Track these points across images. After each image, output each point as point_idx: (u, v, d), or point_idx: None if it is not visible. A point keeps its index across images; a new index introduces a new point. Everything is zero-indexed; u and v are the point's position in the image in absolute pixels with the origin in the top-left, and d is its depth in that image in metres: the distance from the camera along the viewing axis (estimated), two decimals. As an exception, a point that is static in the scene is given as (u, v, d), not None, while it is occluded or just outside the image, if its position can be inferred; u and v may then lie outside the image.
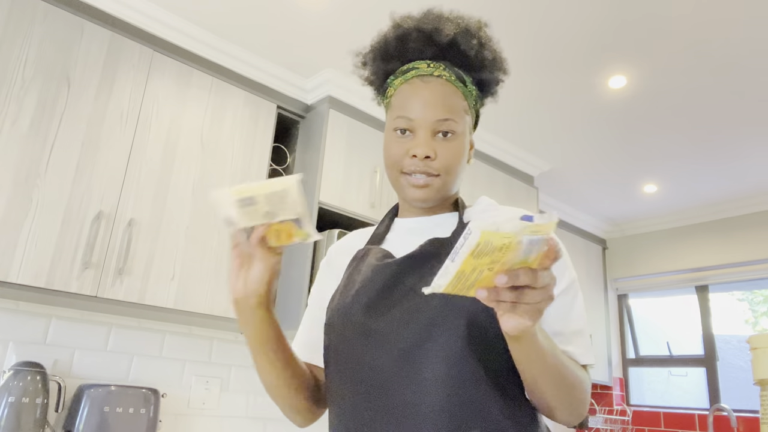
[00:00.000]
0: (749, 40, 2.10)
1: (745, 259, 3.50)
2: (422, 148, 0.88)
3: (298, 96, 2.53)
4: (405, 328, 0.81)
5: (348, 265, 0.97)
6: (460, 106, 0.92)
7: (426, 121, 0.89)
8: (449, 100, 0.91)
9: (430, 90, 0.91)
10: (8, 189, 1.72)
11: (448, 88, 0.92)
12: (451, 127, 0.90)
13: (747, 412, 3.31)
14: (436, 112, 0.89)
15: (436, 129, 0.89)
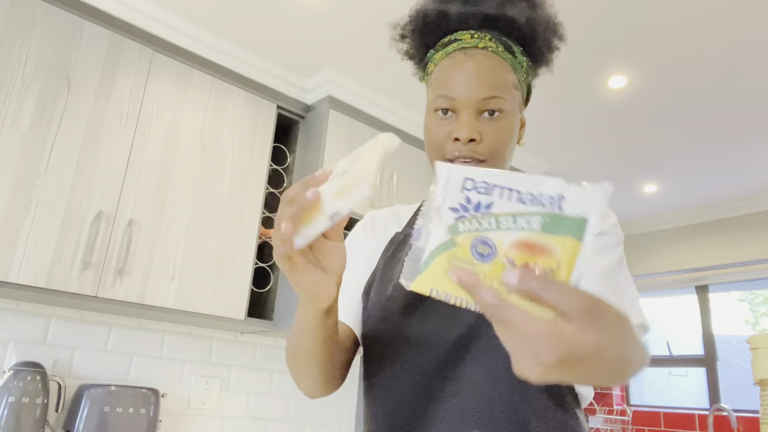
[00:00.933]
0: (749, 40, 2.10)
1: (745, 259, 3.50)
2: (466, 130, 0.78)
3: (298, 96, 2.53)
4: (446, 333, 0.75)
5: (384, 250, 0.89)
6: (508, 81, 0.82)
7: (470, 99, 0.79)
8: (496, 75, 0.81)
9: (474, 64, 0.81)
10: (8, 189, 1.72)
11: (495, 61, 0.82)
12: (499, 105, 0.80)
13: (747, 412, 3.31)
14: (481, 90, 0.80)
15: (482, 108, 0.80)
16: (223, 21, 2.18)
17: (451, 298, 0.46)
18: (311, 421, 2.59)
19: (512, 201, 0.45)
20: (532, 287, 0.41)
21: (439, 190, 0.47)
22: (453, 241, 0.46)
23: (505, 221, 0.45)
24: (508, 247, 0.44)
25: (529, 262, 0.43)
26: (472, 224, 0.46)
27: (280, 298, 2.30)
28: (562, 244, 0.43)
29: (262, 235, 2.37)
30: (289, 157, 2.55)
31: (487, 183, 0.46)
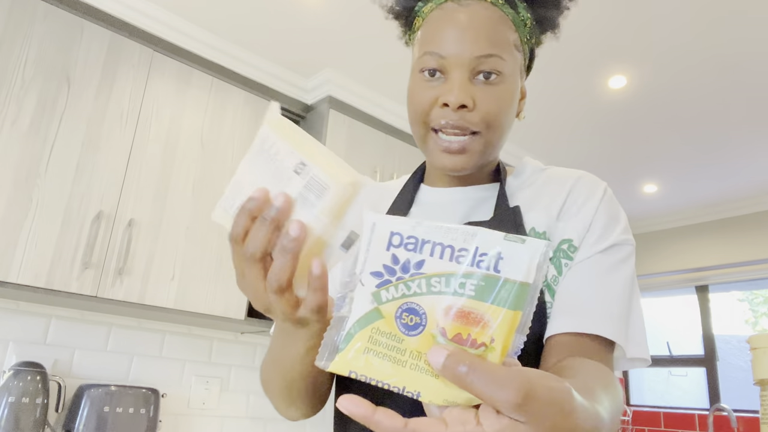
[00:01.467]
0: (749, 40, 2.10)
1: (745, 259, 3.50)
2: (456, 94, 0.65)
3: (298, 96, 2.53)
4: None
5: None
6: (509, 39, 0.69)
7: (462, 57, 0.66)
8: (494, 30, 0.68)
9: (468, 16, 0.67)
10: (8, 189, 1.72)
11: (493, 13, 0.68)
12: (497, 65, 0.67)
13: (747, 412, 3.31)
14: (475, 46, 0.66)
15: (477, 68, 0.67)
16: (223, 21, 2.18)
17: (373, 381, 0.40)
18: (311, 421, 2.59)
19: (445, 259, 0.40)
20: (460, 372, 0.35)
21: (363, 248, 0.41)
22: (378, 311, 0.40)
23: (437, 283, 0.40)
24: (439, 314, 0.39)
25: (463, 333, 0.38)
26: (398, 290, 0.40)
27: (280, 298, 2.30)
28: (498, 314, 0.38)
29: (262, 235, 2.37)
30: (289, 157, 2.55)
31: (416, 238, 0.41)
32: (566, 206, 0.70)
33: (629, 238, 0.70)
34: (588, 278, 0.65)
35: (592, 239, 0.68)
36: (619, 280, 0.66)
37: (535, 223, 0.69)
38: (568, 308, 0.64)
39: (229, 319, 2.10)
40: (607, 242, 0.67)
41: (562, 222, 0.69)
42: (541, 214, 0.70)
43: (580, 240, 0.68)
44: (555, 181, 0.74)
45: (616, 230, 0.69)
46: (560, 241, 0.68)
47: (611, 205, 0.72)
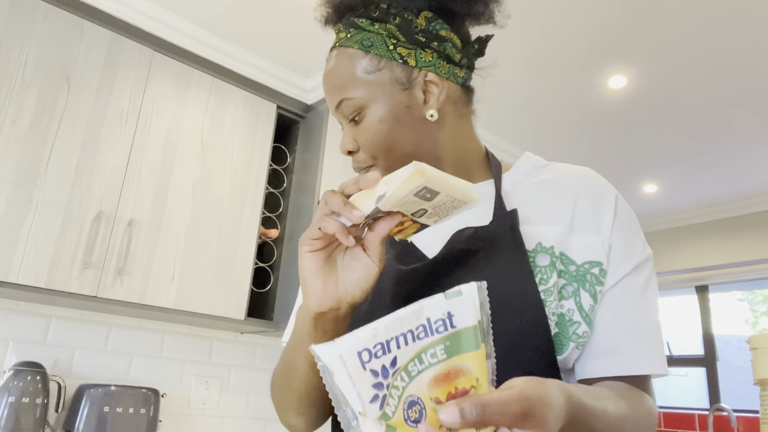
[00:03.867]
0: (749, 40, 2.10)
1: (745, 259, 3.50)
2: (341, 145, 0.72)
3: (298, 96, 2.53)
4: None
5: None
6: (354, 72, 0.69)
7: (333, 108, 0.72)
8: (339, 75, 0.70)
9: (324, 75, 0.73)
10: (8, 189, 1.72)
11: (341, 57, 0.71)
12: (350, 107, 0.69)
13: (747, 412, 3.31)
14: (331, 100, 0.72)
15: (343, 116, 0.72)
16: (223, 21, 2.18)
17: None
18: (311, 421, 2.59)
19: (410, 344, 0.44)
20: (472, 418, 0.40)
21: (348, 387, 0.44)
22: (392, 428, 0.43)
23: (413, 367, 0.43)
24: (427, 389, 0.43)
25: (451, 390, 0.42)
26: (393, 397, 0.43)
27: (280, 298, 2.30)
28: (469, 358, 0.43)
29: (262, 235, 2.37)
30: (289, 157, 2.55)
31: (380, 344, 0.44)
32: (577, 216, 0.69)
33: (649, 251, 0.70)
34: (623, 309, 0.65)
35: (618, 259, 0.67)
36: (651, 304, 0.67)
37: (542, 238, 0.67)
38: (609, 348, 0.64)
39: (229, 319, 2.10)
40: (633, 262, 0.67)
41: (578, 236, 0.67)
42: (549, 227, 0.67)
43: (607, 261, 0.66)
44: (558, 183, 0.72)
45: (638, 246, 0.69)
46: (587, 263, 0.65)
47: (628, 215, 0.71)
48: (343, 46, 0.71)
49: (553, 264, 0.64)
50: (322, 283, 0.57)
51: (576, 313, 0.64)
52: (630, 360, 0.63)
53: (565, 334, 0.63)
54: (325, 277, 0.57)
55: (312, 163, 2.40)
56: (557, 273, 0.64)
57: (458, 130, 0.74)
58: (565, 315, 0.63)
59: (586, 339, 0.64)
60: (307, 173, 2.41)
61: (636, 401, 0.61)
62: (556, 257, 0.65)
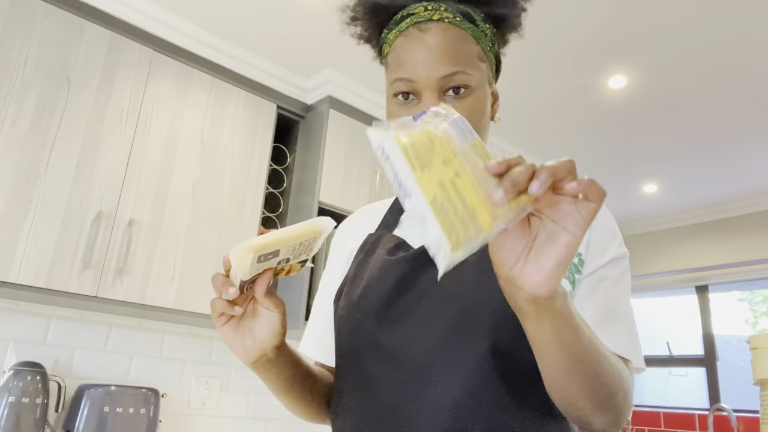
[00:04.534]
0: (750, 40, 2.10)
1: (745, 259, 3.50)
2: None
3: (298, 96, 2.53)
4: (418, 342, 0.68)
5: (357, 252, 0.84)
6: (471, 52, 0.74)
7: (430, 79, 0.72)
8: (456, 48, 0.73)
9: (431, 39, 0.73)
10: (8, 189, 1.72)
11: (453, 32, 0.74)
12: (463, 80, 0.73)
13: (747, 412, 3.31)
14: (440, 67, 0.72)
15: (445, 86, 0.73)
16: (222, 21, 2.18)
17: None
18: (311, 421, 2.59)
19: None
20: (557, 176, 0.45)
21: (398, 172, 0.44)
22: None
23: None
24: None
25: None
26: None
27: (280, 298, 2.30)
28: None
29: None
30: (289, 157, 2.55)
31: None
32: None
33: (625, 251, 0.75)
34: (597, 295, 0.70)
35: (595, 253, 0.72)
36: (624, 295, 0.71)
37: None
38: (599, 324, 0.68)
39: (229, 319, 2.10)
40: (608, 256, 0.72)
41: None
42: None
43: (585, 253, 0.72)
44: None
45: (614, 245, 0.74)
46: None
47: (606, 219, 0.77)
48: (455, 24, 0.74)
49: None
50: (241, 343, 0.69)
51: None
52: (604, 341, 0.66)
53: None
54: (242, 337, 0.69)
55: (312, 163, 2.40)
56: None
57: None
58: None
59: None
60: (307, 173, 2.41)
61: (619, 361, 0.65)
62: None
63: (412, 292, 0.72)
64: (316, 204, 2.29)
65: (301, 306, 2.17)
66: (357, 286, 0.78)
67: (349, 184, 2.42)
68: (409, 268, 0.73)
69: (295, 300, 2.21)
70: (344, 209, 2.38)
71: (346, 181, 2.41)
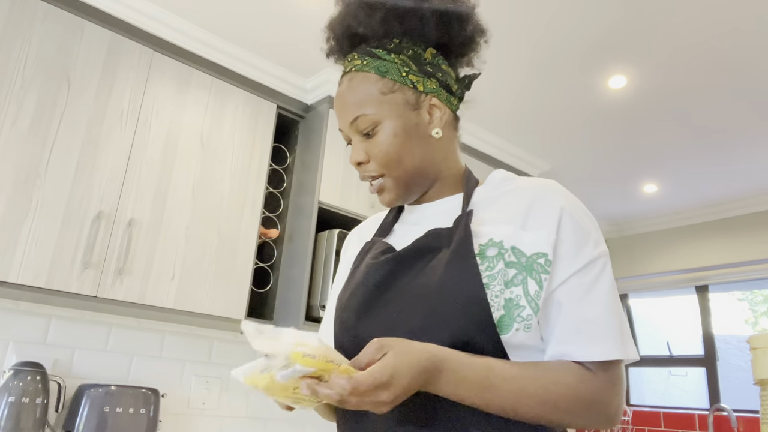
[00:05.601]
0: (750, 40, 2.10)
1: (745, 259, 3.50)
2: (352, 156, 0.85)
3: (298, 96, 2.53)
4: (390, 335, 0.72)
5: (356, 258, 0.91)
6: (371, 92, 0.81)
7: (345, 128, 0.85)
8: (356, 94, 0.82)
9: (339, 94, 0.85)
10: (8, 189, 1.72)
11: (356, 79, 0.83)
12: (366, 122, 0.81)
13: (747, 412, 3.31)
14: (346, 116, 0.84)
15: (357, 130, 0.83)
16: (223, 21, 2.18)
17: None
18: (311, 421, 2.59)
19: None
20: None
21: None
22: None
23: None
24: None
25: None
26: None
27: (280, 298, 2.30)
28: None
29: (262, 235, 2.37)
30: (289, 157, 2.55)
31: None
32: (530, 216, 0.78)
33: (603, 249, 0.77)
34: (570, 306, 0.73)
35: (565, 256, 0.75)
36: (600, 297, 0.74)
37: (494, 234, 0.77)
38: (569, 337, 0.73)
39: (229, 319, 2.10)
40: (581, 260, 0.75)
41: (529, 232, 0.76)
42: (503, 226, 0.78)
43: (553, 252, 0.75)
44: (519, 191, 0.82)
45: (588, 246, 0.76)
46: (534, 254, 0.75)
47: (577, 216, 0.78)
48: (360, 70, 0.83)
49: (501, 255, 0.75)
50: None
51: (522, 298, 0.73)
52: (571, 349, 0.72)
53: (510, 316, 0.72)
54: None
55: (312, 163, 2.40)
56: (504, 263, 0.74)
57: (448, 150, 0.88)
58: (513, 300, 0.72)
59: (531, 321, 0.72)
60: (307, 173, 2.41)
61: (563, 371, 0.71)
62: (505, 249, 0.75)
63: (390, 291, 0.78)
64: (316, 204, 2.29)
65: (301, 306, 2.17)
66: (348, 288, 0.85)
67: (349, 184, 2.42)
68: (389, 269, 0.80)
69: (295, 300, 2.21)
70: (344, 209, 2.38)
71: (346, 181, 2.41)
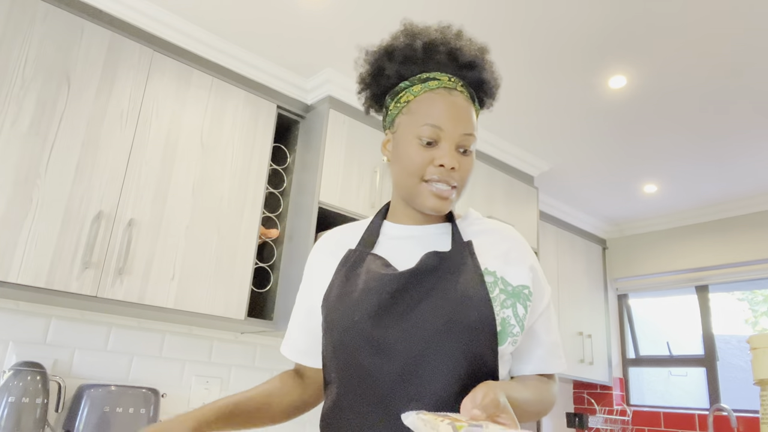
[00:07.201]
0: (750, 40, 2.10)
1: (745, 259, 3.50)
2: (450, 158, 0.90)
3: (298, 96, 2.53)
4: (411, 340, 0.82)
5: (340, 264, 0.96)
6: (475, 124, 0.94)
7: (455, 133, 0.91)
8: (470, 116, 0.94)
9: (459, 102, 0.93)
10: (8, 189, 1.72)
11: (469, 104, 0.94)
12: (470, 142, 0.93)
13: (747, 412, 3.31)
14: (465, 126, 0.91)
15: (460, 143, 0.91)
16: (223, 21, 2.18)
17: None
18: (311, 421, 2.59)
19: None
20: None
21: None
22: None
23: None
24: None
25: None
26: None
27: (280, 298, 2.30)
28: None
29: (262, 235, 2.37)
30: (289, 157, 2.55)
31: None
32: (511, 256, 0.96)
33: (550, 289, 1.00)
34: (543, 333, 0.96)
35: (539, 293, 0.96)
36: (556, 324, 0.99)
37: (488, 264, 0.93)
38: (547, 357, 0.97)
39: (229, 319, 2.10)
40: (547, 297, 0.97)
41: (511, 266, 0.94)
42: (492, 259, 0.94)
43: (532, 287, 0.94)
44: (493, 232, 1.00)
45: (547, 287, 0.99)
46: (520, 285, 0.93)
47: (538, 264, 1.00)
48: (468, 99, 0.95)
49: (495, 282, 0.91)
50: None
51: (512, 318, 0.90)
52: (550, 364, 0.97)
53: (505, 332, 0.88)
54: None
55: (312, 163, 2.40)
56: (498, 289, 0.91)
57: None
58: (506, 319, 0.89)
59: (519, 337, 0.90)
60: (307, 173, 2.41)
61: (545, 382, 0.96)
62: (498, 278, 0.92)
63: (405, 301, 0.86)
64: (316, 204, 2.29)
65: (301, 306, 2.17)
66: (350, 292, 0.90)
67: (349, 184, 2.42)
68: (404, 281, 0.88)
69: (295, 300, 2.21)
70: (344, 209, 2.38)
71: (346, 181, 2.41)
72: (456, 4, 2.01)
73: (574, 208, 3.86)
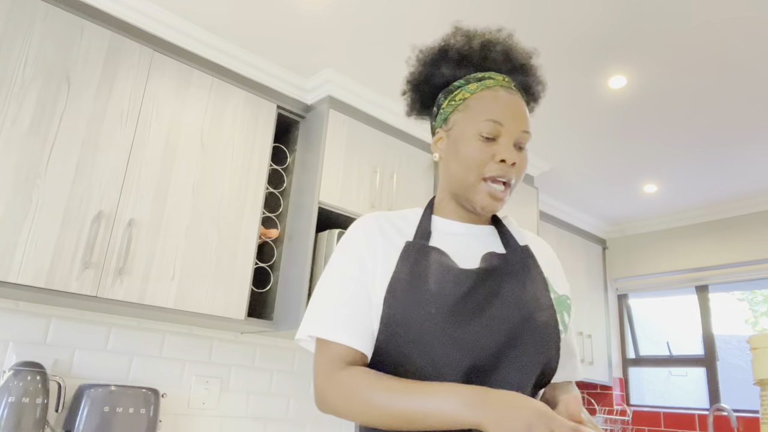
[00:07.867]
0: (750, 40, 2.10)
1: (745, 259, 3.50)
2: (510, 154, 0.92)
3: (298, 96, 2.53)
4: (488, 337, 0.85)
5: (402, 256, 0.90)
6: (530, 123, 0.98)
7: (514, 130, 0.93)
8: (527, 114, 0.97)
9: (517, 100, 0.96)
10: (8, 189, 1.72)
11: (523, 104, 0.98)
12: (527, 140, 0.96)
13: (747, 412, 3.31)
14: (523, 123, 0.95)
15: (518, 140, 0.94)
16: (222, 21, 2.18)
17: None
18: (311, 421, 2.59)
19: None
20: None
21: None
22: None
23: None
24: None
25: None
26: None
27: (280, 298, 2.30)
28: None
29: (262, 235, 2.37)
30: (289, 157, 2.55)
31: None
32: (554, 265, 1.03)
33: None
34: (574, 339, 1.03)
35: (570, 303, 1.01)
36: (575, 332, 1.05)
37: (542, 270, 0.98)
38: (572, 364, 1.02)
39: (229, 319, 2.10)
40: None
41: (556, 276, 1.01)
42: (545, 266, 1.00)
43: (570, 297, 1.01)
44: (538, 241, 1.05)
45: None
46: (564, 295, 0.99)
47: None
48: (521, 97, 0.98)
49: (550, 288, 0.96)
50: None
51: (561, 323, 0.94)
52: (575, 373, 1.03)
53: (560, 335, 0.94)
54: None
55: (312, 163, 2.40)
56: (553, 295, 0.95)
57: None
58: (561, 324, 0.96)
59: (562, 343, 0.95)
60: (307, 173, 2.41)
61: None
62: (551, 285, 0.97)
63: (477, 297, 0.88)
64: (315, 204, 2.29)
65: (301, 306, 2.17)
66: (421, 285, 0.87)
67: (349, 184, 2.42)
68: (478, 278, 0.89)
69: (295, 300, 2.21)
70: (344, 209, 2.38)
71: (346, 181, 2.41)
72: (456, 5, 2.01)
73: (574, 208, 3.86)
